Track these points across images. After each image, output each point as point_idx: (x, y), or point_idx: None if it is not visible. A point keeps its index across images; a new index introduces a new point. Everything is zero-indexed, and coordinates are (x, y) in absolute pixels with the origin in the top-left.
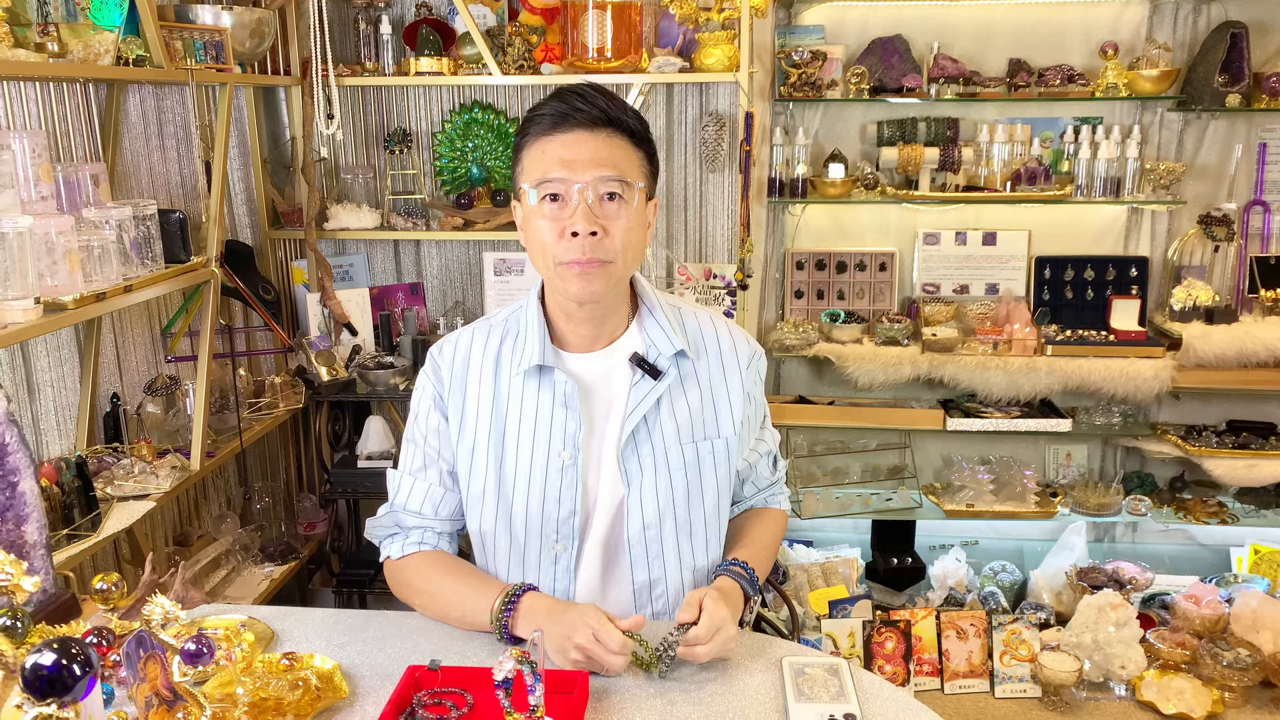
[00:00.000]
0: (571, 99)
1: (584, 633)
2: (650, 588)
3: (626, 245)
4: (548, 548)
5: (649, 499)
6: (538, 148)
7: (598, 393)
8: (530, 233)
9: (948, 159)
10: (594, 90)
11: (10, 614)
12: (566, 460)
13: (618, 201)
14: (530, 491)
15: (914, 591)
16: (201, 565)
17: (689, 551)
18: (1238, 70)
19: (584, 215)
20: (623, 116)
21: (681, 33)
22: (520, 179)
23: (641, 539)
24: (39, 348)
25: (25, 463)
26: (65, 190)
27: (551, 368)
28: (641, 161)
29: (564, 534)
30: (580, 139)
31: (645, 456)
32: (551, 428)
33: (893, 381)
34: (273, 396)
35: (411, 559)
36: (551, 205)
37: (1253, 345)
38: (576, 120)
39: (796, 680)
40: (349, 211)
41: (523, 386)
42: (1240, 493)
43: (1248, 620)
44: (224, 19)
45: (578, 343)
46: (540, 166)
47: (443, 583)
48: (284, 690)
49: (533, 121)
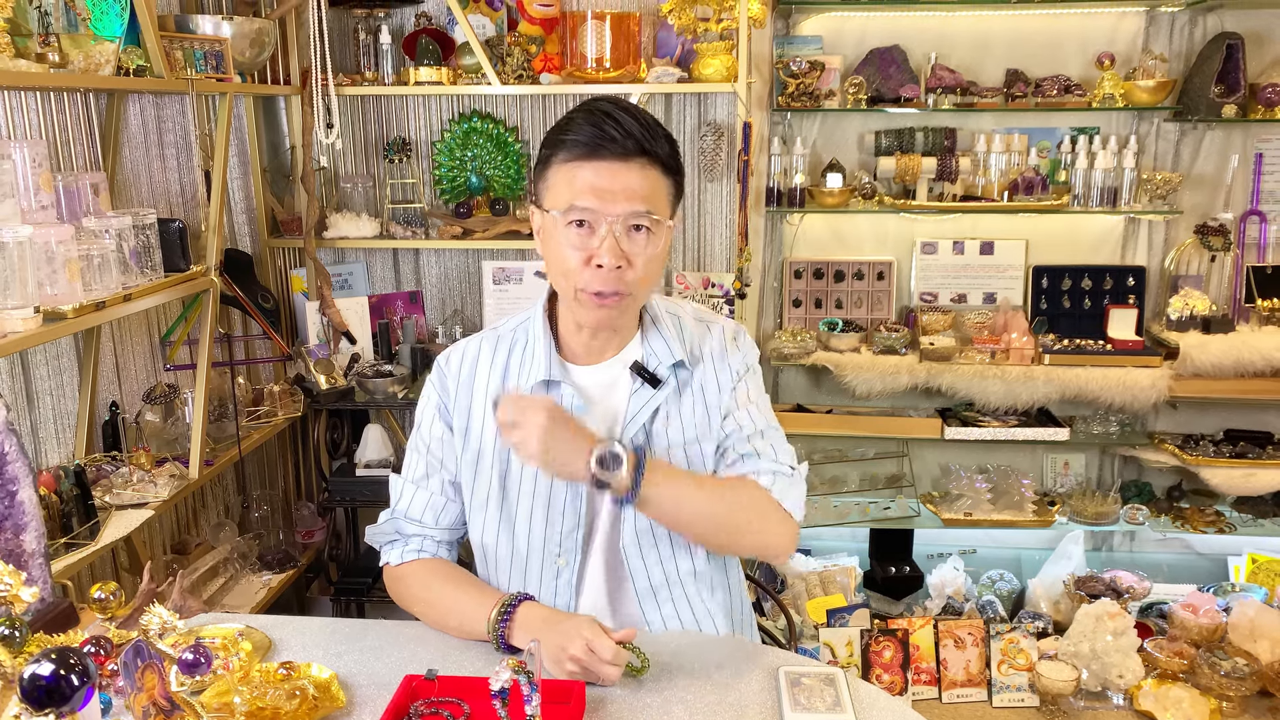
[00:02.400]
0: (606, 124)
1: (578, 643)
2: (654, 593)
3: (647, 275)
4: (549, 562)
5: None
6: (568, 170)
7: (601, 404)
8: (551, 249)
9: (945, 169)
10: (628, 114)
11: (8, 623)
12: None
13: (644, 233)
14: (534, 505)
15: (912, 600)
16: (199, 574)
17: (686, 557)
18: (1234, 81)
19: (611, 250)
20: (655, 148)
21: (680, 43)
22: (545, 196)
23: (636, 545)
24: (38, 356)
25: (24, 472)
26: (65, 199)
27: (559, 381)
28: (670, 191)
29: (566, 548)
30: (614, 170)
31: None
32: None
33: (890, 390)
34: (271, 405)
35: (410, 566)
36: (578, 230)
37: (1249, 355)
38: (611, 150)
39: (793, 690)
40: (348, 220)
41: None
42: (1238, 502)
43: (1245, 629)
44: (224, 29)
45: (584, 355)
46: (570, 191)
47: (441, 591)
48: (281, 700)
49: (565, 142)
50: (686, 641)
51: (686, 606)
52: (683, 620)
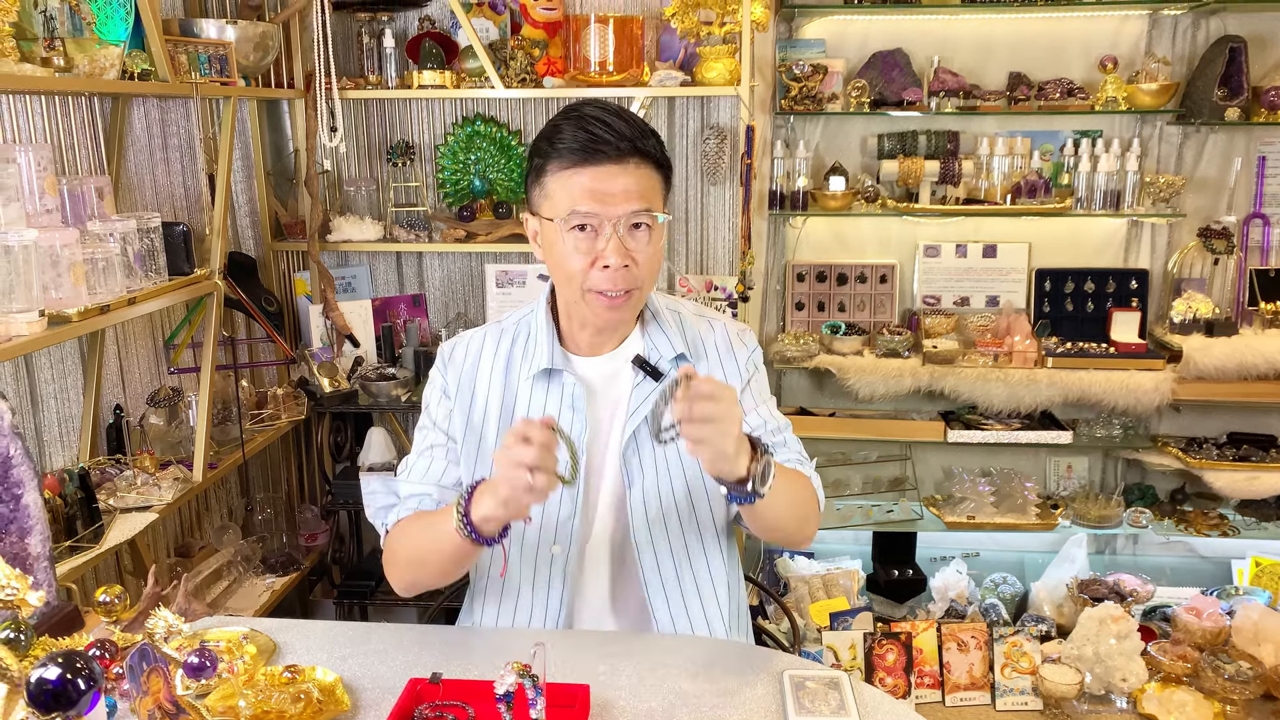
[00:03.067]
0: (596, 129)
1: (500, 460)
2: (663, 586)
3: (650, 271)
4: (544, 549)
5: (651, 498)
6: (564, 176)
7: (603, 395)
8: (553, 255)
9: (948, 172)
10: (616, 116)
11: (14, 627)
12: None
13: (644, 230)
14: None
15: (915, 603)
16: (203, 577)
17: (699, 548)
18: (1237, 84)
19: (616, 250)
20: (647, 146)
21: (683, 46)
22: (542, 203)
23: (648, 538)
24: (43, 360)
25: (29, 475)
26: (70, 203)
27: (560, 370)
28: (662, 186)
29: (561, 536)
30: (610, 172)
31: (646, 456)
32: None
33: (893, 393)
34: (275, 408)
35: (400, 523)
36: (580, 234)
37: (1253, 358)
38: (605, 153)
39: (797, 694)
40: (352, 223)
41: (531, 389)
42: (1241, 505)
43: (1249, 633)
44: (228, 33)
45: (586, 348)
46: (569, 198)
47: (419, 526)
48: (286, 703)
49: (558, 150)
50: (690, 645)
51: (696, 598)
52: (690, 611)
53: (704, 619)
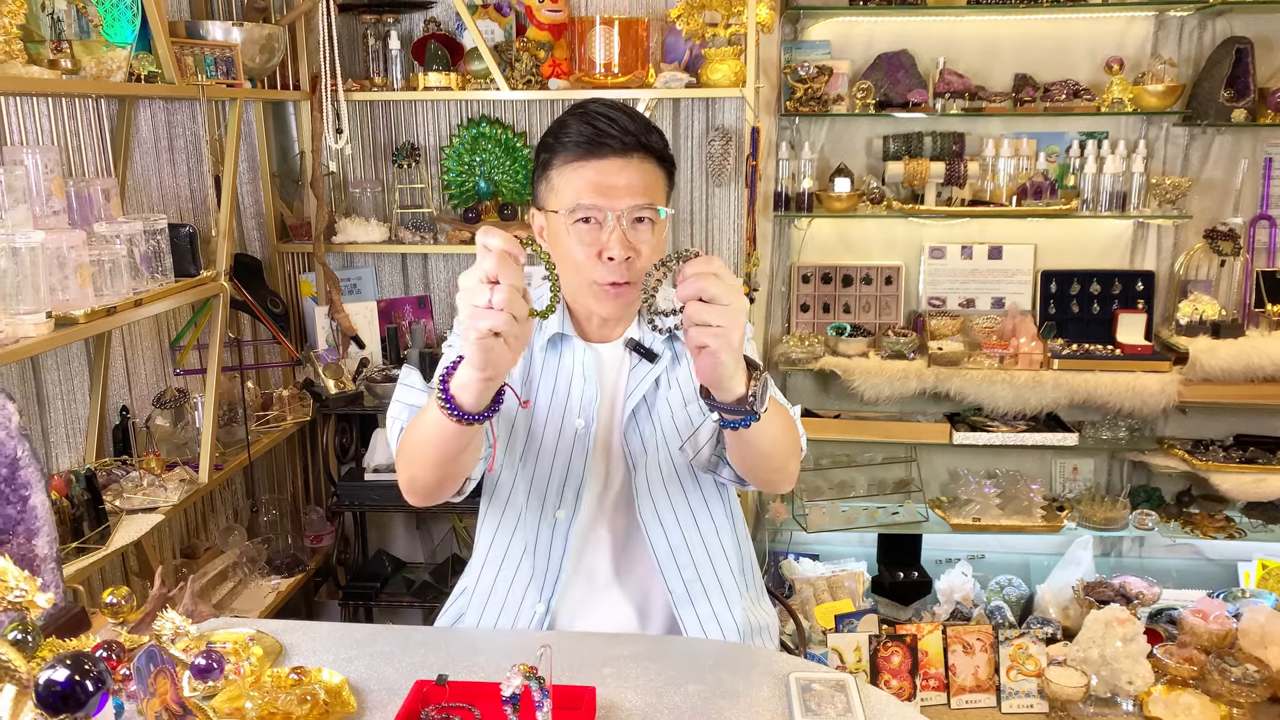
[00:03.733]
0: (601, 124)
1: (461, 306)
2: (674, 556)
3: (652, 264)
4: (549, 513)
5: (654, 474)
6: (569, 171)
7: (605, 378)
8: (558, 248)
9: (953, 173)
10: (620, 112)
11: (22, 628)
12: (580, 427)
13: (647, 223)
14: (540, 454)
15: (920, 606)
16: (209, 578)
17: (707, 519)
18: (1243, 85)
19: (619, 242)
20: (650, 141)
21: (688, 48)
22: (548, 197)
23: (653, 508)
24: (49, 361)
25: (36, 477)
26: (77, 205)
27: (569, 336)
28: (665, 182)
29: (566, 499)
30: (614, 166)
31: (647, 435)
32: (569, 395)
33: (899, 395)
34: (280, 409)
35: (408, 425)
36: (584, 227)
37: (1259, 360)
38: (610, 147)
39: (804, 696)
40: (357, 225)
41: (544, 357)
42: (1248, 507)
43: (1256, 635)
44: (234, 35)
45: (591, 334)
46: (574, 191)
47: (417, 418)
48: (292, 705)
49: (564, 145)
50: (696, 647)
51: (709, 566)
52: (703, 579)
53: (716, 580)
